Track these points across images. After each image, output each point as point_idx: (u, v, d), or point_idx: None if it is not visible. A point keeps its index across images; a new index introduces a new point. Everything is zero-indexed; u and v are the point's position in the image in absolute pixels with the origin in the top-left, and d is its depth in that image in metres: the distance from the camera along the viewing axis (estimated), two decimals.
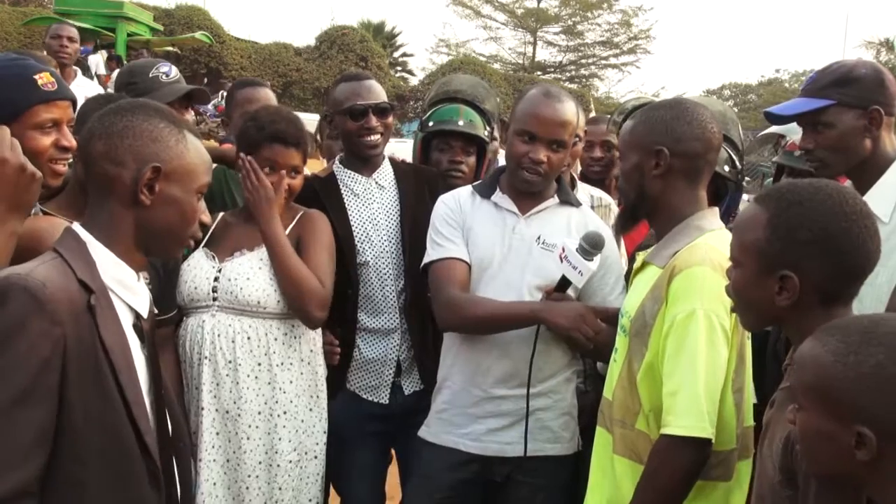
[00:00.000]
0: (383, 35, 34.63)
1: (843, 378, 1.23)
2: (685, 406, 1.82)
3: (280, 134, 2.41)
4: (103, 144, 1.54)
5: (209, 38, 22.86)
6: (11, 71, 1.90)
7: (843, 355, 1.24)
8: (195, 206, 1.62)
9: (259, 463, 2.36)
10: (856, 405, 1.21)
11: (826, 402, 1.26)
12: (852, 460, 1.22)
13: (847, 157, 2.17)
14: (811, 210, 1.49)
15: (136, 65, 3.09)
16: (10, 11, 22.33)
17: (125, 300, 1.57)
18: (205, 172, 1.64)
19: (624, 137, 2.11)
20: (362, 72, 3.10)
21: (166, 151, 1.56)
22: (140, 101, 1.66)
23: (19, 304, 1.36)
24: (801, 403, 1.32)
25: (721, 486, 1.92)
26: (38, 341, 1.37)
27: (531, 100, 2.44)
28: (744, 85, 40.83)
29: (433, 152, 3.05)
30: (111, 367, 1.47)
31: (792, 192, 1.54)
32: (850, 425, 1.21)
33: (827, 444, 1.26)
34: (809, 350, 1.30)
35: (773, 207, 1.53)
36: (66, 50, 5.30)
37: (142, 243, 1.59)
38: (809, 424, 1.29)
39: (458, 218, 2.51)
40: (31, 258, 1.54)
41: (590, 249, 2.24)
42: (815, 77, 2.22)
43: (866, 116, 2.13)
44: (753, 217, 1.56)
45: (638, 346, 1.97)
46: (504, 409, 2.42)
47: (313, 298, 2.39)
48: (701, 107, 2.07)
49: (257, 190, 2.41)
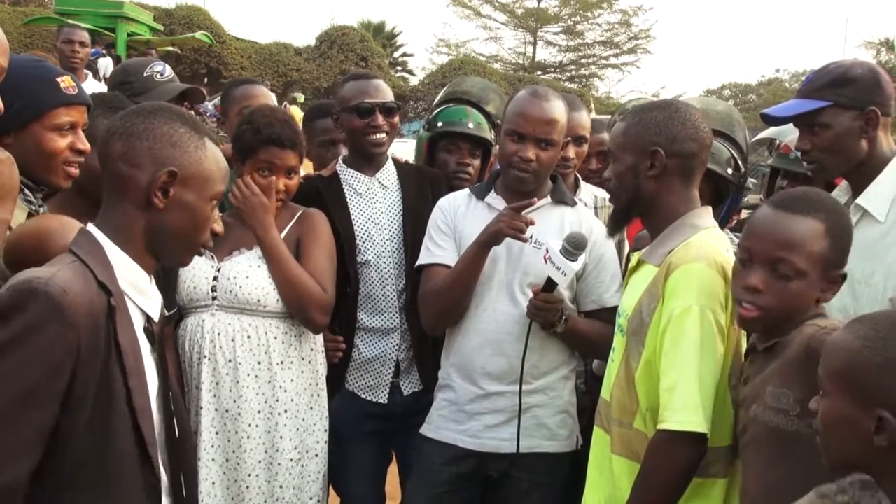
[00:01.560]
0: (383, 35, 34.65)
1: (870, 362, 1.26)
2: (681, 401, 1.83)
3: (276, 136, 2.42)
4: (122, 145, 1.54)
5: (209, 38, 22.86)
6: (36, 72, 1.94)
7: (872, 340, 1.27)
8: (208, 213, 1.61)
9: (259, 462, 2.37)
10: (880, 388, 1.24)
11: (851, 386, 1.29)
12: (870, 446, 1.24)
13: (844, 159, 2.17)
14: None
15: (130, 64, 3.10)
16: (10, 11, 22.34)
17: (138, 304, 1.58)
18: (221, 180, 1.63)
19: (616, 139, 2.11)
20: (370, 71, 3.12)
21: (184, 156, 1.56)
22: (163, 104, 1.66)
23: (38, 309, 1.38)
24: (825, 389, 1.34)
25: (719, 482, 1.92)
26: (51, 346, 1.38)
27: (519, 100, 2.49)
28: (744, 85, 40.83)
29: (440, 153, 3.06)
30: (123, 372, 1.48)
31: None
32: (871, 409, 1.24)
33: (847, 429, 1.29)
34: (838, 337, 1.34)
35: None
36: (78, 55, 5.37)
37: (152, 247, 1.59)
38: (832, 410, 1.32)
39: (450, 222, 2.56)
40: (37, 256, 1.55)
41: (572, 250, 2.27)
42: (812, 78, 2.22)
43: (863, 117, 2.13)
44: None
45: (635, 345, 1.98)
46: (499, 406, 2.45)
47: (315, 304, 2.41)
48: (692, 107, 2.09)
49: (248, 199, 2.42)
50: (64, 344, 1.39)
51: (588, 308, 2.51)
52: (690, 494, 1.87)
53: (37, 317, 1.37)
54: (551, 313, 2.36)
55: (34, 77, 1.92)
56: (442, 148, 3.05)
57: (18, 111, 1.87)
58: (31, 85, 1.90)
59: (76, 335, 1.40)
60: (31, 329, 1.37)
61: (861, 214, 2.17)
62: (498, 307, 2.45)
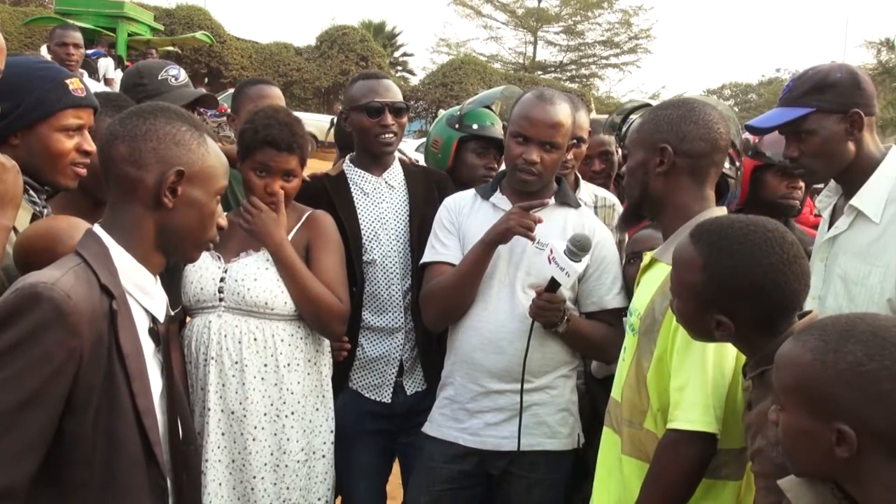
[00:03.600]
0: (384, 35, 34.64)
1: (822, 375, 1.23)
2: (692, 400, 1.83)
3: (272, 138, 2.40)
4: (126, 147, 1.55)
5: (210, 37, 22.88)
6: (46, 74, 1.94)
7: (821, 353, 1.24)
8: (214, 208, 1.63)
9: (265, 464, 2.36)
10: (835, 402, 1.22)
11: (806, 400, 1.26)
12: (833, 458, 1.22)
13: (832, 163, 2.18)
14: (741, 262, 1.58)
15: (145, 65, 3.08)
16: (10, 11, 22.36)
17: (143, 305, 1.59)
18: (223, 175, 1.65)
19: (631, 135, 2.13)
20: (380, 71, 3.13)
21: (188, 155, 1.57)
22: (160, 104, 1.67)
23: (42, 313, 1.38)
24: (781, 403, 1.32)
25: (730, 485, 1.91)
26: (53, 350, 1.39)
27: (524, 103, 2.50)
28: (744, 84, 40.87)
29: (467, 154, 3.09)
30: (125, 375, 1.49)
31: (723, 238, 1.62)
32: (829, 423, 1.22)
33: (809, 443, 1.27)
34: (789, 350, 1.31)
35: (705, 254, 1.63)
36: (73, 57, 5.38)
37: (162, 246, 1.60)
38: (791, 424, 1.30)
39: (455, 221, 2.58)
40: (47, 257, 1.55)
41: (576, 251, 2.28)
42: (792, 86, 2.23)
43: (847, 120, 2.13)
44: (690, 260, 1.66)
45: (647, 344, 1.97)
46: (500, 404, 2.46)
47: (334, 317, 2.44)
48: (710, 107, 2.07)
49: (256, 220, 2.39)
50: (66, 348, 1.39)
51: (588, 309, 2.52)
52: (701, 495, 1.86)
53: (40, 321, 1.38)
54: (554, 313, 2.37)
55: (43, 78, 1.92)
56: (471, 149, 3.09)
57: (26, 112, 1.87)
58: (40, 86, 1.90)
59: (79, 340, 1.41)
60: (35, 333, 1.38)
61: (855, 215, 2.17)
62: (499, 306, 2.46)
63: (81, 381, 1.42)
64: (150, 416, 1.53)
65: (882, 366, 1.19)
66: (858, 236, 2.16)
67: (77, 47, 5.41)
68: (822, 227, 2.36)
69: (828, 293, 2.18)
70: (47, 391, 1.39)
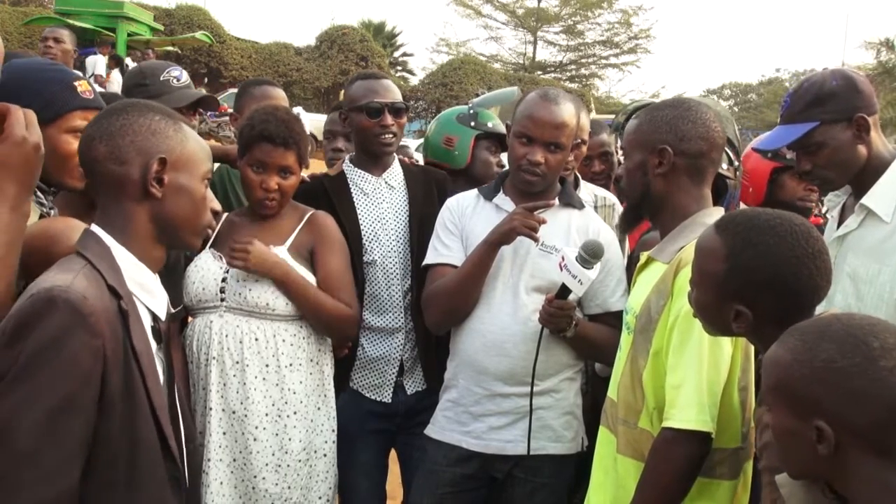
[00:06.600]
0: (383, 35, 34.63)
1: (800, 374, 1.26)
2: (687, 399, 1.84)
3: (268, 133, 2.40)
4: (105, 146, 1.56)
5: (209, 37, 22.85)
6: (55, 75, 1.96)
7: (800, 352, 1.28)
8: (203, 192, 1.65)
9: (266, 464, 2.37)
10: (812, 400, 1.25)
11: (787, 399, 1.29)
12: (818, 457, 1.25)
13: (846, 169, 2.19)
14: (766, 252, 1.56)
15: (148, 66, 3.08)
16: (10, 11, 22.33)
17: (145, 303, 1.59)
18: (206, 159, 1.67)
19: (628, 136, 2.12)
20: (379, 71, 3.14)
21: (167, 142, 1.59)
22: (130, 100, 1.69)
23: (62, 317, 1.37)
24: (768, 404, 1.35)
25: (725, 484, 1.92)
26: (79, 353, 1.38)
27: (529, 103, 2.48)
28: (744, 84, 40.88)
29: (481, 151, 3.13)
30: (140, 372, 1.50)
31: (749, 229, 1.60)
32: (809, 420, 1.25)
33: (794, 441, 1.29)
34: (773, 351, 1.35)
35: (730, 244, 1.61)
36: (52, 51, 5.27)
37: (162, 237, 1.61)
38: (778, 424, 1.32)
39: (457, 222, 2.56)
40: (44, 258, 1.55)
41: (589, 258, 2.26)
42: (790, 103, 2.23)
43: (853, 126, 2.14)
44: (713, 249, 1.64)
45: (643, 343, 1.98)
46: (505, 408, 2.45)
47: (346, 325, 2.48)
48: (705, 106, 2.09)
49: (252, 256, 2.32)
50: (90, 350, 1.39)
51: (592, 311, 2.51)
52: (696, 494, 1.87)
53: (60, 325, 1.37)
54: (564, 320, 2.36)
55: (52, 80, 1.93)
56: (485, 147, 3.12)
57: (35, 113, 1.88)
58: (49, 88, 1.91)
59: (100, 340, 1.41)
60: (57, 339, 1.36)
61: (866, 214, 2.18)
62: (503, 308, 2.45)
63: (108, 381, 1.42)
64: (163, 412, 1.55)
65: (853, 363, 1.22)
66: (869, 235, 2.16)
67: (57, 42, 5.30)
68: (830, 225, 2.37)
69: (836, 292, 2.18)
70: (80, 395, 1.38)
